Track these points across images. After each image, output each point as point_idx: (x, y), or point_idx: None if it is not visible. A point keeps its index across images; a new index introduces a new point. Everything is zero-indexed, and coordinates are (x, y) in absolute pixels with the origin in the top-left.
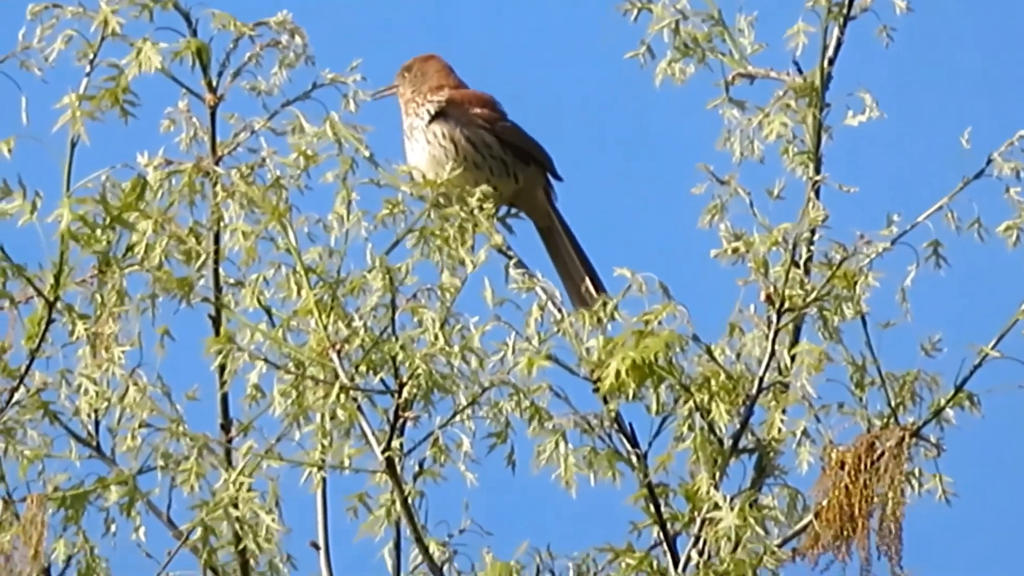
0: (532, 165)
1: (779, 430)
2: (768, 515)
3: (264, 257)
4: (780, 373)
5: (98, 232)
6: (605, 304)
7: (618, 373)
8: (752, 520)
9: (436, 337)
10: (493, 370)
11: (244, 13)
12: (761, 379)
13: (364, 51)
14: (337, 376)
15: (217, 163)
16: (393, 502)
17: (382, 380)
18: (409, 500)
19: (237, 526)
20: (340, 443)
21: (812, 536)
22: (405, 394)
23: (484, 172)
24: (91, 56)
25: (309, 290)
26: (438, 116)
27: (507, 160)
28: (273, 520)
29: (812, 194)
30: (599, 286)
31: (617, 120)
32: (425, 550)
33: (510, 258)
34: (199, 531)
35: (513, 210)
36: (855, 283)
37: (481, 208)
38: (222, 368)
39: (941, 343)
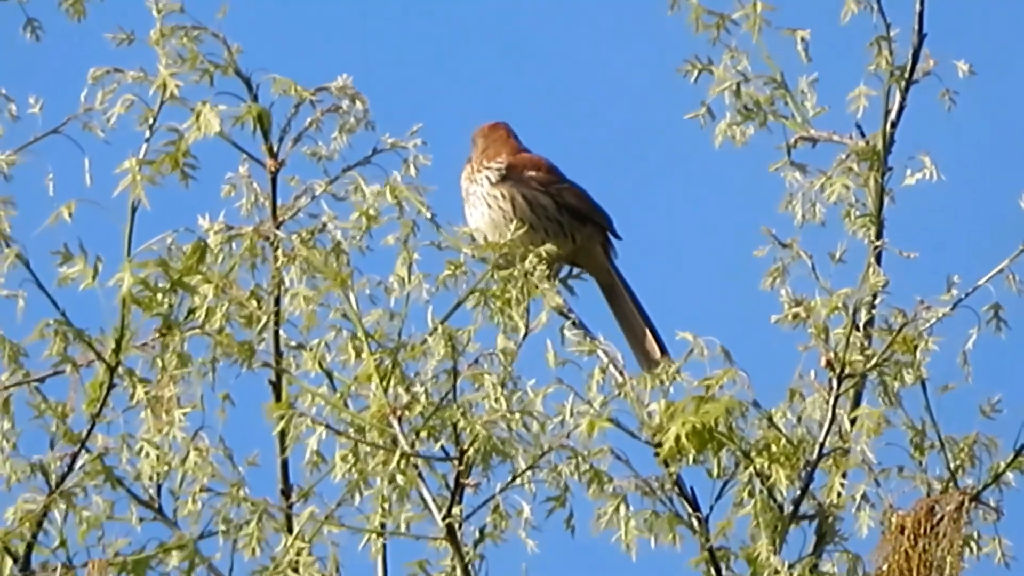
0: (588, 225)
1: (839, 495)
2: None
3: (324, 321)
4: (840, 438)
5: (159, 296)
6: (667, 367)
7: (678, 438)
8: None
9: (497, 402)
10: (553, 433)
11: (305, 78)
12: (822, 444)
13: (426, 114)
14: (396, 442)
15: (278, 228)
16: (454, 568)
17: (442, 447)
18: (469, 567)
19: None
20: (399, 509)
21: None
22: (465, 460)
23: (540, 234)
24: (151, 121)
25: (370, 355)
26: (498, 180)
27: (563, 221)
28: None
29: (873, 259)
30: (660, 343)
31: (678, 183)
32: None
33: (568, 319)
34: None
35: (576, 270)
36: (915, 348)
37: (538, 269)
38: (283, 434)
39: (1001, 404)
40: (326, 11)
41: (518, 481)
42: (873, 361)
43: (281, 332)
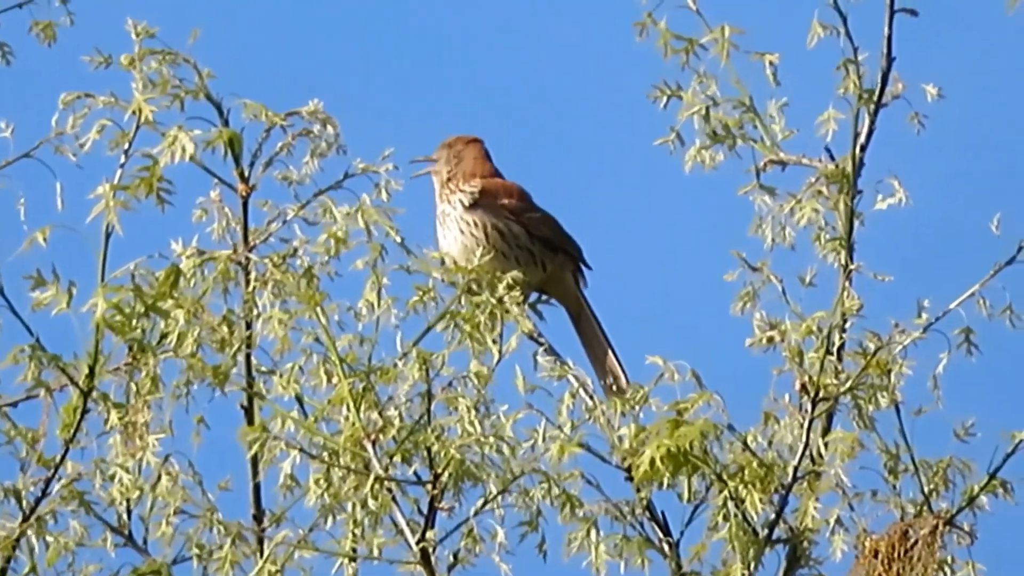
0: (560, 254)
1: (812, 518)
2: None
3: (296, 345)
4: (813, 461)
5: (132, 321)
6: (637, 392)
7: (652, 461)
8: None
9: (471, 425)
10: (524, 457)
11: (276, 103)
12: (796, 467)
13: (397, 138)
14: (370, 466)
15: (250, 252)
16: None
17: (415, 472)
18: None
19: None
20: (371, 533)
21: None
22: (438, 485)
23: (511, 262)
24: (125, 146)
25: (343, 378)
26: (471, 205)
27: (534, 250)
28: None
29: (846, 283)
30: (624, 374)
31: (647, 206)
32: None
33: (540, 344)
34: None
35: (544, 296)
36: (889, 372)
37: (508, 295)
38: (255, 458)
39: (974, 428)
40: (305, 26)
41: (490, 505)
42: (847, 384)
43: (253, 357)
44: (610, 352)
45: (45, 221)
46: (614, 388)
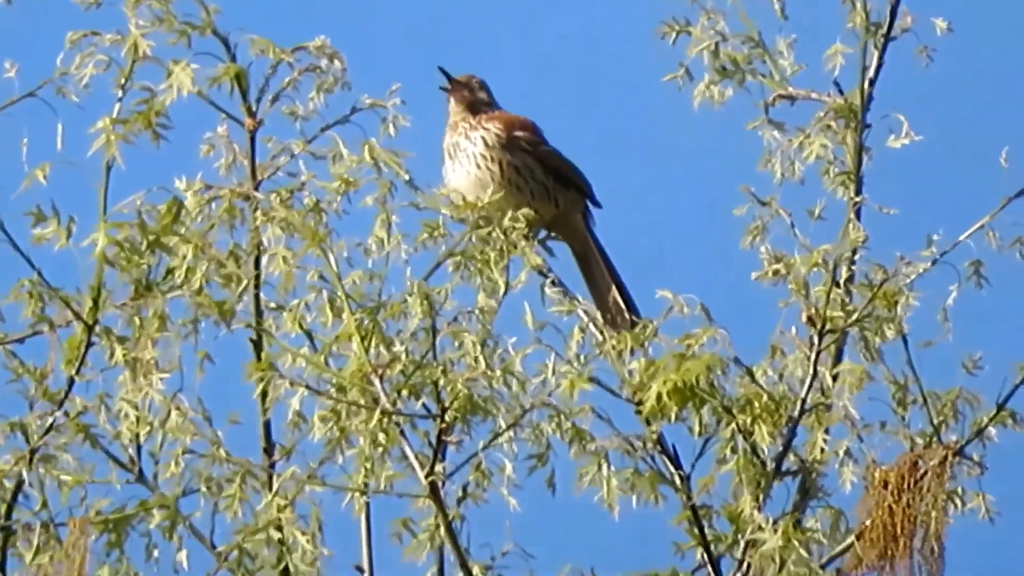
0: (572, 190)
1: (821, 450)
2: (811, 536)
3: (304, 282)
4: (822, 394)
5: (136, 256)
6: (646, 326)
7: (659, 396)
8: (795, 542)
9: (476, 360)
10: (534, 392)
11: (283, 38)
12: (803, 400)
13: (401, 75)
14: (378, 400)
15: (256, 187)
16: (437, 526)
17: (424, 405)
18: (451, 524)
19: (281, 549)
20: (381, 467)
21: (855, 556)
22: (447, 418)
23: (525, 195)
24: (123, 81)
25: (350, 313)
26: (492, 144)
27: (548, 185)
28: (308, 542)
29: (852, 215)
30: (633, 312)
31: (656, 142)
32: (469, 574)
33: (548, 278)
34: (236, 554)
35: (552, 234)
36: (896, 303)
37: (514, 229)
38: (264, 394)
39: (982, 361)
40: None
41: (499, 440)
42: (854, 316)
43: (261, 294)
44: (615, 289)
45: (46, 160)
46: (619, 323)
